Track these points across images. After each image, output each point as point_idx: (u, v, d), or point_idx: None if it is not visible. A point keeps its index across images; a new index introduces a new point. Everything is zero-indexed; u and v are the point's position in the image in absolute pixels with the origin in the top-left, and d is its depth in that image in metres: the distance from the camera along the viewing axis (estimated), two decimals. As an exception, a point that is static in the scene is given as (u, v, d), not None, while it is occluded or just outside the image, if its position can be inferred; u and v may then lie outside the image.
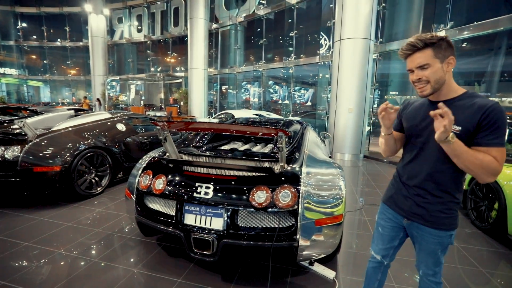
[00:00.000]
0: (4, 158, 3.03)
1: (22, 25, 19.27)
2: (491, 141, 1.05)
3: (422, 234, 1.26)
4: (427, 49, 1.11)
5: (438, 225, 1.20)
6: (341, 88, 6.52)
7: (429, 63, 1.11)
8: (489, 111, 1.05)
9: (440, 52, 1.11)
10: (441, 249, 1.24)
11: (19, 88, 21.05)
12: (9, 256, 2.20)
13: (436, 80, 1.12)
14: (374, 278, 1.50)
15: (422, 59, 1.12)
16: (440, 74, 1.12)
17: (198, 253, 1.83)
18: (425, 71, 1.12)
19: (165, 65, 17.04)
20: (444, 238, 1.22)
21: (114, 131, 4.11)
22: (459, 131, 1.09)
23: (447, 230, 1.20)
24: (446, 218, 1.19)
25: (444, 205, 1.19)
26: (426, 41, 1.10)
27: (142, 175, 2.14)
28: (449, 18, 5.84)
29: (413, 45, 1.12)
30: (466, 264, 2.32)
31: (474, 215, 3.14)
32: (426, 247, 1.25)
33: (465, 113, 1.10)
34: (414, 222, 1.27)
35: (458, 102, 1.14)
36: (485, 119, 1.05)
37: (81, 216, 3.02)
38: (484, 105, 1.06)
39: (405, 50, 1.16)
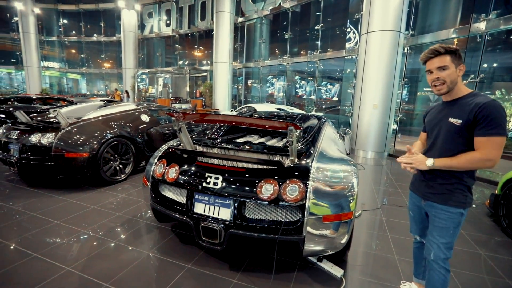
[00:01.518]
0: (41, 144, 3.32)
1: (63, 22, 20.67)
2: (484, 132, 1.26)
3: (435, 211, 1.45)
4: (447, 55, 1.35)
5: (447, 201, 1.40)
6: (366, 83, 6.25)
7: (448, 65, 1.34)
8: (483, 107, 1.25)
9: (456, 59, 1.36)
10: (453, 226, 1.40)
11: (60, 81, 22.75)
12: (42, 232, 2.44)
13: (451, 80, 1.36)
14: (420, 257, 1.73)
15: (443, 62, 1.35)
16: (454, 76, 1.36)
17: (206, 241, 1.89)
18: (443, 72, 1.35)
19: (191, 58, 17.42)
20: (454, 215, 1.39)
21: (138, 122, 4.32)
22: (460, 123, 1.33)
23: (456, 207, 1.39)
24: (453, 195, 1.39)
25: (452, 185, 1.40)
26: (447, 49, 1.35)
27: (157, 163, 2.24)
28: (491, 7, 5.31)
29: (437, 50, 1.37)
30: (492, 275, 2.15)
31: (505, 222, 2.89)
32: (439, 223, 1.43)
33: (465, 109, 1.33)
34: (429, 201, 1.48)
35: (462, 101, 1.38)
36: (479, 113, 1.26)
37: (105, 200, 3.23)
38: (480, 102, 1.27)
39: (428, 53, 1.39)
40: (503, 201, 2.97)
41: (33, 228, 2.49)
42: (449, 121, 1.37)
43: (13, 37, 19.98)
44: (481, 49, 5.47)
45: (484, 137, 1.26)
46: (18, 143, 3.41)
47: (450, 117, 1.37)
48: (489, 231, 2.94)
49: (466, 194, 1.39)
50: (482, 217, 3.30)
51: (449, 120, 1.37)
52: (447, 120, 1.38)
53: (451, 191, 1.39)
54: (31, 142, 3.34)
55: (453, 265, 2.24)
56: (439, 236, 1.43)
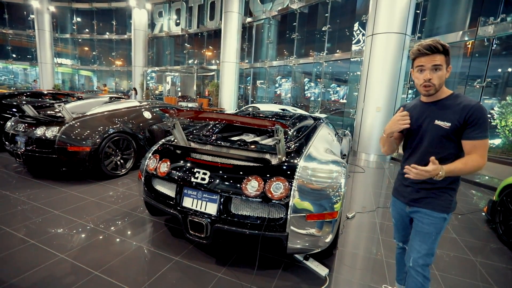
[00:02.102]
0: (46, 137, 3.45)
1: (77, 20, 21.22)
2: (477, 134, 1.25)
3: (419, 216, 1.41)
4: (443, 54, 1.28)
5: (432, 206, 1.37)
6: (370, 86, 6.21)
7: (442, 66, 1.29)
8: (473, 110, 1.25)
9: (448, 60, 1.31)
10: (435, 232, 1.37)
11: (72, 77, 23.35)
12: (42, 221, 2.54)
13: (440, 82, 1.31)
14: (403, 263, 1.70)
15: (438, 60, 1.28)
16: (444, 78, 1.31)
17: (193, 235, 1.95)
18: (435, 73, 1.29)
19: (200, 57, 17.61)
20: (438, 220, 1.36)
21: (141, 118, 4.42)
22: (449, 126, 1.29)
23: (441, 212, 1.36)
24: (439, 200, 1.36)
25: (439, 190, 1.36)
26: (445, 47, 1.28)
27: (151, 157, 2.31)
28: (500, 9, 5.21)
29: (436, 47, 1.27)
30: (482, 281, 2.13)
31: (501, 229, 2.85)
32: (422, 228, 1.40)
33: (453, 111, 1.30)
34: (414, 207, 1.44)
35: (447, 102, 1.34)
36: (470, 116, 1.25)
37: (105, 193, 3.34)
38: (468, 104, 1.26)
39: (424, 49, 1.28)
40: (500, 208, 2.92)
41: (34, 217, 2.60)
42: (435, 123, 1.32)
43: (29, 34, 20.64)
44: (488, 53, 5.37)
45: (477, 140, 1.24)
46: (25, 135, 3.55)
47: (436, 119, 1.32)
48: (485, 237, 2.90)
49: (451, 198, 1.37)
50: (479, 223, 3.25)
51: (435, 123, 1.32)
52: (433, 122, 1.33)
53: (438, 195, 1.36)
54: (37, 135, 3.47)
55: (444, 270, 2.23)
56: (420, 241, 1.39)
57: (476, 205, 3.96)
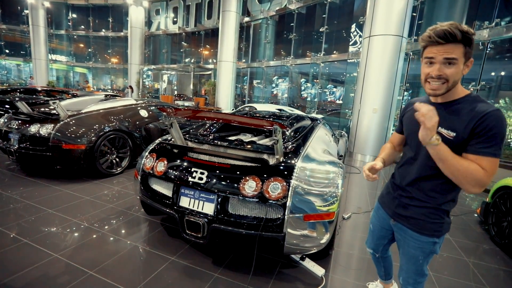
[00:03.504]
0: (40, 134, 3.40)
1: (72, 16, 20.94)
2: (482, 149, 0.96)
3: (404, 237, 1.25)
4: (461, 44, 0.98)
5: (420, 229, 1.18)
6: (366, 87, 6.25)
7: (457, 59, 0.98)
8: (486, 117, 0.96)
9: (469, 52, 1.00)
10: (423, 256, 1.21)
11: (67, 74, 23.05)
12: (35, 220, 2.50)
13: (454, 80, 1.02)
14: (379, 265, 1.68)
15: (454, 53, 0.98)
16: (459, 75, 1.02)
17: (189, 235, 1.94)
18: (448, 68, 1.00)
19: (197, 56, 17.52)
20: (426, 244, 1.19)
21: (137, 117, 4.38)
22: (453, 137, 1.02)
23: (430, 236, 1.17)
24: (429, 223, 1.17)
25: (428, 210, 1.16)
26: (465, 34, 0.96)
27: (148, 156, 2.29)
28: (495, 14, 5.29)
29: (452, 33, 0.95)
30: (476, 282, 2.16)
31: (494, 230, 2.89)
32: (408, 251, 1.25)
33: (461, 118, 1.02)
34: (399, 224, 1.27)
35: (457, 106, 1.06)
36: (480, 125, 0.97)
37: (100, 192, 3.30)
38: (483, 111, 0.97)
39: (438, 36, 0.98)
40: (492, 210, 2.97)
41: (27, 216, 2.56)
42: (438, 131, 1.05)
43: (23, 29, 20.32)
44: (483, 56, 5.44)
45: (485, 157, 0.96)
46: (18, 133, 3.49)
47: (440, 126, 1.05)
48: (478, 239, 2.94)
49: (443, 221, 1.16)
50: (473, 225, 3.29)
51: (438, 130, 1.05)
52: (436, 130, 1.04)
53: (427, 217, 1.16)
54: (30, 132, 3.42)
55: (438, 271, 2.25)
56: (407, 263, 1.26)
57: (469, 206, 4.01)
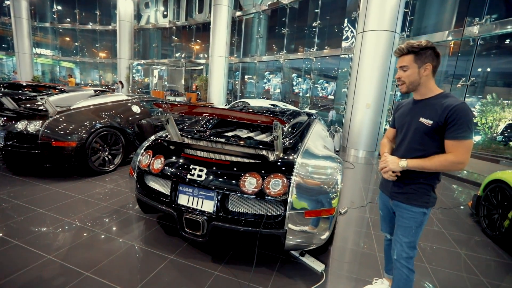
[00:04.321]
0: (28, 131, 3.27)
1: (57, 8, 20.20)
2: (457, 134, 1.27)
3: (400, 211, 1.49)
4: (410, 55, 1.37)
5: (411, 201, 1.43)
6: (360, 82, 6.29)
7: (408, 66, 1.37)
8: (454, 110, 1.26)
9: (420, 59, 1.35)
10: (415, 225, 1.44)
11: (53, 69, 22.30)
12: (25, 220, 2.41)
13: (410, 82, 1.39)
14: (390, 254, 1.72)
15: (403, 62, 1.39)
16: (414, 77, 1.38)
17: (189, 233, 1.90)
18: (403, 72, 1.39)
19: (188, 51, 17.25)
20: (418, 214, 1.43)
21: (129, 113, 4.28)
22: (431, 124, 1.33)
23: (420, 207, 1.42)
24: (417, 195, 1.42)
25: (417, 185, 1.43)
26: (409, 49, 1.36)
27: (143, 154, 2.23)
28: (485, 11, 5.37)
29: (401, 50, 1.40)
30: (468, 272, 2.22)
31: (485, 222, 2.97)
32: (402, 222, 1.47)
33: (436, 110, 1.33)
34: (395, 200, 1.51)
35: (433, 101, 1.38)
36: (450, 116, 1.27)
37: (93, 190, 3.21)
38: (451, 104, 1.28)
39: (395, 52, 1.45)
40: (484, 202, 3.05)
41: (16, 216, 2.47)
42: (419, 120, 1.37)
43: (4, 21, 19.47)
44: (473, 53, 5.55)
45: (456, 140, 1.27)
46: (4, 130, 3.35)
47: (421, 116, 1.37)
48: (469, 231, 3.02)
49: (429, 194, 1.42)
50: (464, 217, 3.38)
51: (419, 120, 1.37)
52: (418, 119, 1.38)
53: (416, 190, 1.42)
54: (17, 130, 3.28)
55: (432, 262, 2.30)
56: (402, 235, 1.46)
57: (460, 199, 4.11)
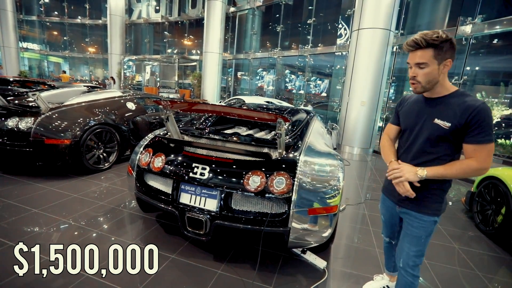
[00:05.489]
0: (19, 129, 3.16)
1: (44, 1, 19.57)
2: (480, 138, 1.16)
3: (408, 219, 1.38)
4: (429, 49, 1.17)
5: (422, 209, 1.32)
6: (355, 80, 6.33)
7: (427, 63, 1.18)
8: (477, 111, 1.13)
9: (440, 54, 1.17)
10: (425, 235, 1.34)
11: (40, 64, 21.66)
12: (19, 220, 2.34)
13: (428, 81, 1.21)
14: (390, 254, 1.76)
15: (422, 58, 1.18)
16: (434, 75, 1.20)
17: (191, 232, 1.88)
18: (420, 70, 1.20)
19: (181, 47, 17.00)
20: (428, 223, 1.33)
21: (124, 110, 4.19)
22: (449, 127, 1.20)
23: (431, 215, 1.32)
24: (430, 203, 1.31)
25: (429, 191, 1.30)
26: (429, 41, 1.15)
27: (143, 152, 2.19)
28: (478, 10, 5.47)
29: (417, 43, 1.17)
30: (464, 267, 2.28)
31: (479, 218, 3.05)
32: (411, 232, 1.37)
33: (454, 110, 1.19)
34: (403, 208, 1.39)
35: (449, 100, 1.23)
36: (473, 118, 1.14)
37: (88, 189, 3.14)
38: (472, 105, 1.15)
39: (409, 45, 1.22)
40: (477, 198, 3.12)
41: (9, 216, 2.39)
42: (434, 122, 1.23)
43: (-11, 14, 18.73)
44: (465, 51, 5.64)
45: (479, 144, 1.16)
46: (-6, 127, 3.23)
47: (436, 117, 1.24)
48: (463, 226, 3.09)
49: (441, 201, 1.32)
50: (458, 213, 3.46)
51: (434, 122, 1.24)
52: (432, 121, 1.25)
53: (428, 197, 1.31)
54: (8, 127, 3.17)
55: (428, 257, 2.34)
56: (409, 244, 1.37)
57: (453, 196, 4.21)
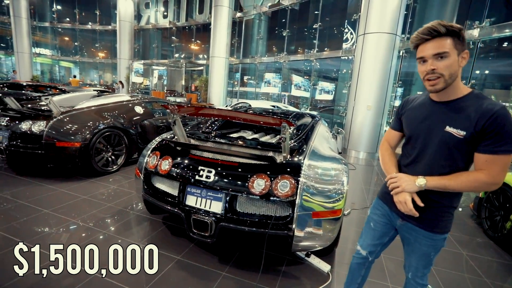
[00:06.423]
0: (32, 132, 3.27)
1: (57, 8, 20.15)
2: (498, 148, 0.98)
3: (416, 236, 1.22)
4: (448, 37, 1.00)
5: (433, 228, 1.17)
6: (361, 84, 6.32)
7: (448, 52, 1.00)
8: (495, 117, 0.97)
9: (459, 44, 1.02)
10: (435, 252, 1.22)
11: (52, 68, 22.23)
12: (30, 220, 2.41)
13: (450, 74, 1.02)
14: (358, 274, 1.49)
15: (442, 47, 1.00)
16: (455, 67, 1.02)
17: (196, 234, 1.91)
18: (441, 62, 1.01)
19: (188, 52, 17.25)
20: (438, 241, 1.20)
21: (132, 113, 4.28)
22: (463, 135, 1.02)
23: (442, 233, 1.18)
24: (442, 222, 1.17)
25: (441, 209, 1.16)
26: (449, 28, 0.99)
27: (150, 155, 2.24)
28: (485, 14, 5.43)
29: (435, 29, 1.00)
30: (471, 273, 2.24)
31: (487, 224, 3.00)
32: (419, 249, 1.23)
33: (469, 116, 1.02)
34: (409, 223, 1.23)
35: (464, 103, 1.06)
36: (491, 124, 0.97)
37: (96, 191, 3.21)
38: (490, 109, 0.98)
39: (422, 34, 1.03)
40: (486, 204, 3.07)
41: (20, 217, 2.47)
42: (446, 130, 1.06)
43: (4, 21, 19.40)
44: (473, 55, 5.59)
45: (494, 155, 0.99)
46: (8, 130, 3.34)
47: (447, 125, 1.06)
48: (471, 232, 3.04)
49: (452, 217, 1.19)
50: (466, 219, 3.41)
51: (446, 129, 1.06)
52: (443, 128, 1.07)
53: (440, 216, 1.15)
54: (21, 130, 3.28)
55: (435, 263, 2.31)
56: (417, 260, 1.25)
57: (463, 201, 4.14)
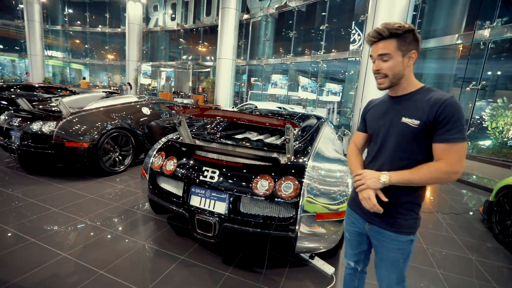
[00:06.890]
0: (42, 132, 3.35)
1: (68, 11, 20.67)
2: (451, 136, 1.01)
3: (382, 241, 1.19)
4: (392, 39, 1.07)
5: (397, 228, 1.14)
6: (368, 86, 6.27)
7: (390, 54, 1.07)
8: (445, 105, 1.01)
9: (404, 45, 1.07)
10: (403, 258, 1.17)
11: (63, 70, 22.79)
12: (39, 218, 2.47)
13: (394, 74, 1.09)
14: (351, 286, 1.47)
15: (385, 49, 1.08)
16: (399, 68, 1.09)
17: (200, 234, 1.93)
18: (384, 63, 1.09)
19: (195, 53, 17.43)
20: (405, 244, 1.16)
21: (139, 114, 4.35)
22: (417, 125, 1.06)
23: (407, 234, 1.15)
24: (405, 220, 1.14)
25: (402, 207, 1.14)
26: (392, 31, 1.06)
27: (156, 155, 2.27)
28: (497, 14, 5.32)
29: (379, 32, 1.08)
30: (480, 279, 2.19)
31: (498, 229, 2.92)
32: (387, 256, 1.19)
33: (422, 106, 1.07)
34: (375, 226, 1.21)
35: (416, 96, 1.11)
36: (441, 113, 1.02)
37: (104, 190, 3.27)
38: (439, 99, 1.03)
39: (371, 36, 1.11)
40: (496, 208, 3.00)
41: (31, 215, 2.53)
42: (402, 121, 1.10)
43: (18, 24, 20.00)
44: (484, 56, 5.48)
45: (449, 143, 1.02)
46: (20, 130, 3.44)
47: (403, 116, 1.10)
48: (481, 237, 2.97)
49: (417, 216, 1.16)
50: (475, 223, 3.33)
51: (402, 121, 1.10)
52: (399, 120, 1.10)
53: (403, 214, 1.14)
54: (33, 130, 3.37)
55: (443, 268, 2.27)
56: (388, 271, 1.21)
57: (471, 205, 4.05)
